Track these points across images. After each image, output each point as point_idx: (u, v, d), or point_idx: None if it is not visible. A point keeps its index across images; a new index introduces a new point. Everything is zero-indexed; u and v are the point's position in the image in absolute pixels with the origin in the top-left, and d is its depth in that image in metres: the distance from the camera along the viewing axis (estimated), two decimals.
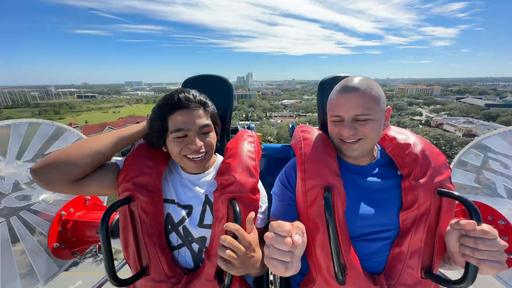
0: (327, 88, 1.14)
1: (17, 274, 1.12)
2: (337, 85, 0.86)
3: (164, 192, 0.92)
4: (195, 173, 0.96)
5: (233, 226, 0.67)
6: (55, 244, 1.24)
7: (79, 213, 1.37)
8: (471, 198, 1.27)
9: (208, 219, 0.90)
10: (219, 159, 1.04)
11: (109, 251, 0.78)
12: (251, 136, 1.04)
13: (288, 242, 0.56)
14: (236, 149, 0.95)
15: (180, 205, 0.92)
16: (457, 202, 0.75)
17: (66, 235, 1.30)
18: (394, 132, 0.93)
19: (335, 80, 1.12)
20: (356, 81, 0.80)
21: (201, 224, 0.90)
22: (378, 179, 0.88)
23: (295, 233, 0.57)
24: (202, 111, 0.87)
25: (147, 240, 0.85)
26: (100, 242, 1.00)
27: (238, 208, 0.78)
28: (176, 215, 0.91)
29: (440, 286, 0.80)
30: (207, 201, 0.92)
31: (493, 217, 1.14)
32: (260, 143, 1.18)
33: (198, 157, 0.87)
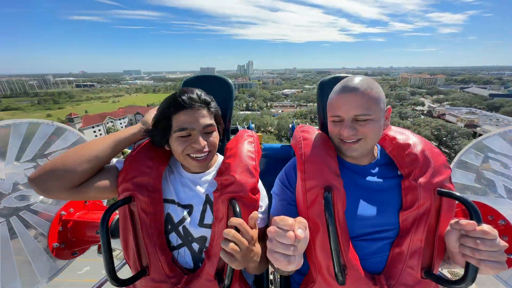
0: (327, 88, 1.14)
1: (17, 274, 1.12)
2: (337, 85, 0.86)
3: (164, 192, 0.92)
4: (196, 172, 0.96)
5: (236, 220, 0.67)
6: (55, 244, 1.24)
7: (79, 213, 1.37)
8: (471, 198, 1.27)
9: (209, 218, 0.90)
10: (220, 159, 1.04)
11: (109, 251, 0.78)
12: (251, 136, 1.04)
13: (290, 236, 0.56)
14: (236, 149, 0.95)
15: (180, 205, 0.92)
16: (457, 202, 0.75)
17: (66, 235, 1.30)
18: (394, 132, 0.93)
19: (335, 80, 1.12)
20: (356, 81, 0.80)
21: (201, 223, 0.90)
22: (378, 179, 0.88)
23: (297, 227, 0.58)
24: (206, 111, 0.87)
25: (147, 240, 0.85)
26: (100, 242, 1.00)
27: (238, 208, 0.78)
28: (176, 215, 0.91)
29: (440, 286, 0.80)
30: (207, 200, 0.92)
31: (493, 217, 1.14)
32: (260, 143, 1.18)
33: (201, 156, 0.87)
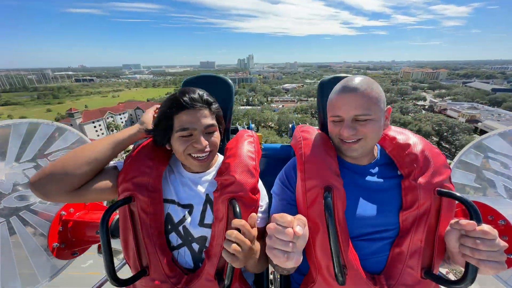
0: (327, 88, 1.14)
1: (17, 273, 1.12)
2: (337, 85, 0.86)
3: (164, 192, 0.92)
4: (197, 171, 0.96)
5: (239, 222, 0.67)
6: (55, 244, 1.24)
7: (79, 213, 1.37)
8: (471, 198, 1.27)
9: (209, 218, 0.90)
10: (221, 158, 1.04)
11: (109, 251, 0.78)
12: (251, 136, 1.04)
13: (289, 233, 0.57)
14: (236, 149, 0.95)
15: (180, 205, 0.92)
16: (457, 202, 0.75)
17: (66, 235, 1.30)
18: (394, 132, 0.93)
19: (335, 80, 1.13)
20: (356, 81, 0.81)
21: (201, 223, 0.90)
22: (378, 179, 0.88)
23: (296, 224, 0.58)
24: (208, 111, 0.87)
25: (147, 240, 0.85)
26: (100, 242, 1.00)
27: (238, 208, 0.78)
28: (176, 215, 0.91)
29: (440, 286, 0.80)
30: (208, 200, 0.92)
31: (493, 217, 1.14)
32: (260, 143, 1.18)
33: (202, 156, 0.88)
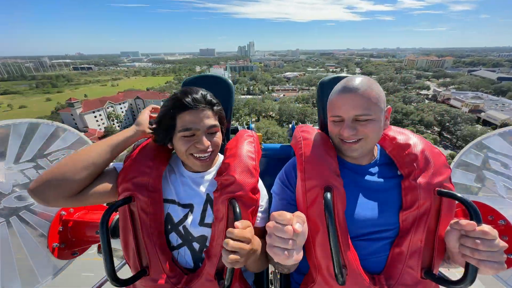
0: (327, 88, 1.14)
1: (17, 274, 1.12)
2: (337, 85, 0.86)
3: (164, 192, 0.92)
4: (198, 171, 0.96)
5: (237, 232, 0.64)
6: (55, 244, 1.24)
7: (79, 213, 1.37)
8: (471, 198, 1.27)
9: (209, 218, 0.90)
10: (221, 158, 1.04)
11: (109, 251, 0.77)
12: (251, 136, 1.04)
13: (288, 230, 0.57)
14: (236, 149, 0.95)
15: (180, 205, 0.92)
16: (457, 202, 0.75)
17: (66, 235, 1.30)
18: (394, 132, 0.93)
19: (336, 80, 1.13)
20: (356, 81, 0.81)
21: (202, 222, 0.90)
22: (378, 179, 0.88)
23: (295, 221, 0.58)
24: (211, 112, 0.88)
25: (147, 240, 0.85)
26: (100, 242, 1.00)
27: (238, 208, 0.78)
28: (176, 215, 0.91)
29: (440, 286, 0.80)
30: (208, 199, 0.92)
31: (493, 217, 1.14)
32: (260, 143, 1.18)
33: (204, 156, 0.88)
